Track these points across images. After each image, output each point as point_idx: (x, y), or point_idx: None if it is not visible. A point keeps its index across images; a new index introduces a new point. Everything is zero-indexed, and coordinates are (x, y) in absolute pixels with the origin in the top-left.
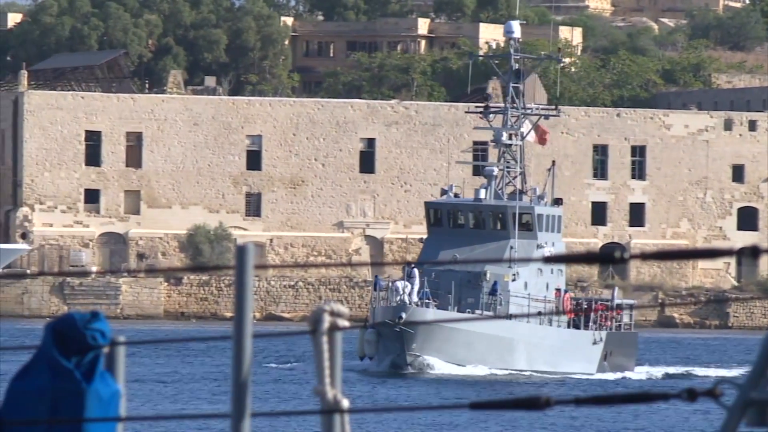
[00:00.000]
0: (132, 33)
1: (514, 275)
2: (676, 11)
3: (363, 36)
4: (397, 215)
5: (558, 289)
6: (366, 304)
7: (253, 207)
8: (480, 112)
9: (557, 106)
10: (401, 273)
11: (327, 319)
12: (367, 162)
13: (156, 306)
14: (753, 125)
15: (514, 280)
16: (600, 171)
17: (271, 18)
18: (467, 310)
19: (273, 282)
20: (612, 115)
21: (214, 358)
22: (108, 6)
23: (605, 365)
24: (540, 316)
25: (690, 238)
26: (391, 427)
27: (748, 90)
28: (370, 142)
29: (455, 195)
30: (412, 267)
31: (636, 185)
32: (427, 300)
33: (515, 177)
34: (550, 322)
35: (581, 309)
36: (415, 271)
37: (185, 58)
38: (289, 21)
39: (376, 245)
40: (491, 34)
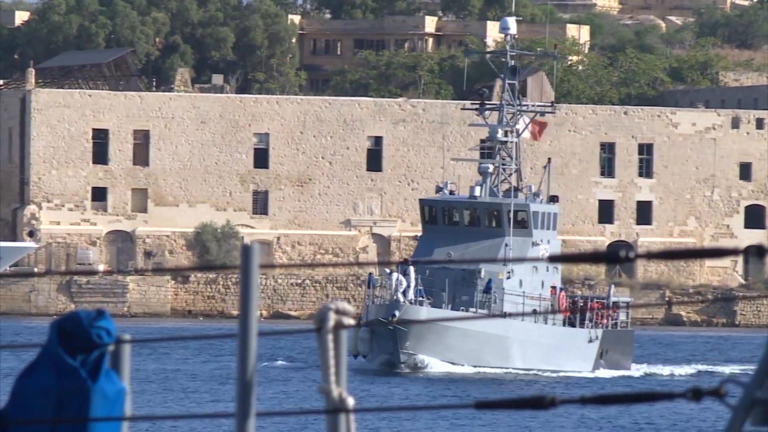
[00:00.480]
0: (139, 31)
1: (508, 273)
2: (683, 9)
3: (370, 34)
4: (404, 213)
5: (553, 287)
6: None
7: (261, 205)
8: (476, 109)
9: (553, 103)
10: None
11: (332, 318)
12: (375, 160)
13: (163, 304)
14: (760, 123)
15: (508, 278)
16: (607, 169)
17: (279, 16)
18: (461, 308)
19: (280, 280)
20: (619, 113)
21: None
22: (115, 4)
23: (601, 363)
24: (535, 314)
25: (697, 236)
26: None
27: (755, 88)
28: (377, 140)
29: (450, 192)
30: (408, 264)
31: (643, 183)
32: (421, 298)
33: (511, 174)
34: (545, 320)
35: (577, 307)
36: (411, 269)
37: (193, 56)
38: (297, 19)
39: (383, 243)
40: (498, 32)
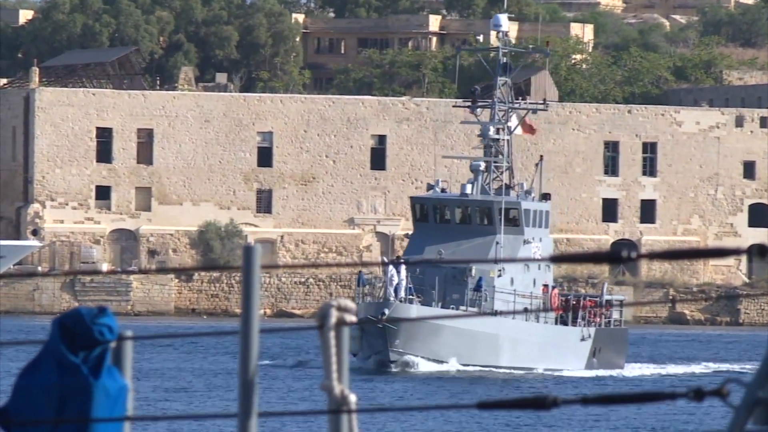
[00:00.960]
0: (143, 30)
1: (499, 271)
2: (687, 8)
3: (374, 33)
4: (408, 212)
5: (546, 285)
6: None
7: (264, 204)
8: (468, 106)
9: (545, 100)
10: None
11: (334, 315)
12: (378, 159)
13: (167, 303)
14: (764, 122)
15: (499, 276)
16: (611, 167)
17: (283, 15)
18: (451, 306)
19: (284, 278)
20: (623, 112)
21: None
22: (119, 3)
23: (594, 362)
24: (526, 312)
25: (701, 234)
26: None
27: (759, 87)
28: (381, 138)
29: (442, 190)
30: (399, 262)
31: (647, 182)
32: (411, 296)
33: (503, 172)
34: (537, 318)
35: (569, 305)
36: (402, 267)
37: (196, 54)
38: (300, 18)
39: (386, 242)
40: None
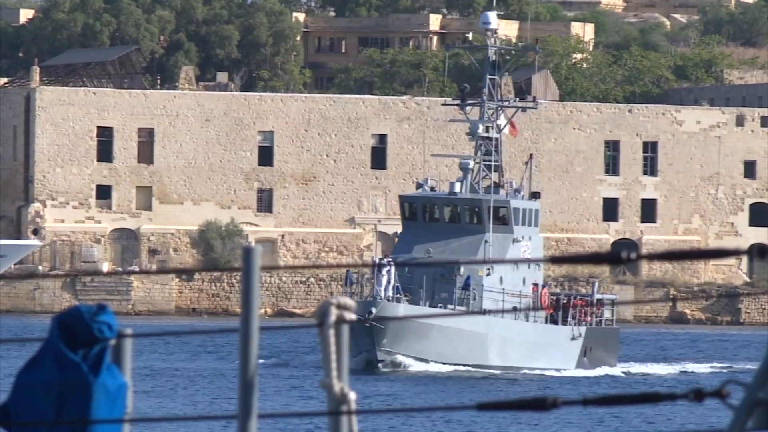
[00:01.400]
0: (144, 29)
1: (488, 270)
2: (688, 7)
3: (375, 32)
4: None
5: (535, 284)
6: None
7: (265, 203)
8: (457, 104)
9: (535, 98)
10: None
11: (334, 313)
12: (379, 158)
13: (167, 302)
14: (765, 121)
15: (488, 274)
16: (612, 167)
17: (283, 14)
18: (439, 305)
19: (285, 278)
20: (624, 111)
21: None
22: (120, 2)
23: (585, 361)
24: (515, 311)
25: (702, 234)
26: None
27: (760, 86)
28: (381, 138)
29: (431, 188)
30: (388, 261)
31: (648, 181)
32: (398, 295)
33: (492, 170)
34: (526, 317)
35: (560, 304)
36: (392, 265)
37: (197, 54)
38: (301, 17)
39: (387, 241)
40: (503, 30)
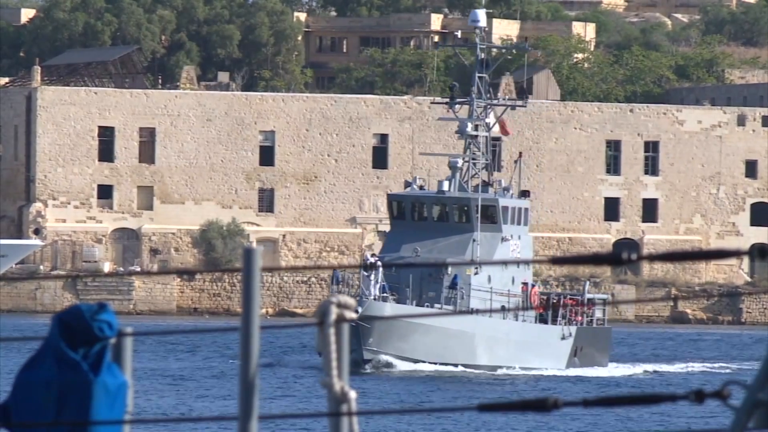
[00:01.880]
0: (145, 28)
1: (476, 269)
2: (689, 7)
3: (376, 32)
4: None
5: (525, 283)
6: None
7: (266, 203)
8: (446, 103)
9: (525, 96)
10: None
11: (334, 312)
12: (380, 157)
13: (169, 302)
14: (766, 121)
15: (476, 273)
16: (613, 166)
17: (284, 14)
18: (426, 304)
19: (286, 278)
20: (625, 111)
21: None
22: (121, 1)
23: (575, 361)
24: (503, 311)
25: (703, 233)
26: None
27: (761, 85)
28: (382, 137)
29: (420, 187)
30: (376, 260)
31: (649, 181)
32: (385, 294)
33: (482, 169)
34: (515, 317)
35: (549, 304)
36: (379, 264)
37: (198, 53)
38: (302, 17)
39: None
40: (504, 29)
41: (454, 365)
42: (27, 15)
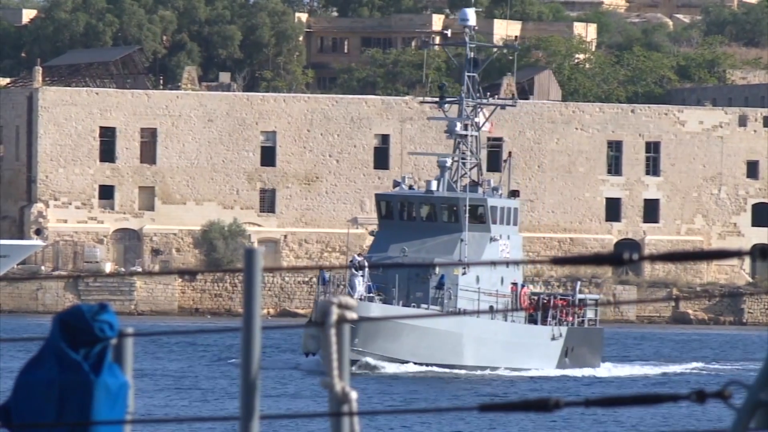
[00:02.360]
0: (146, 29)
1: (464, 269)
2: (691, 7)
3: (377, 32)
4: None
5: (514, 284)
6: None
7: (268, 203)
8: (435, 102)
9: (514, 96)
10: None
11: (335, 312)
12: (382, 158)
13: (170, 302)
14: (767, 121)
15: (464, 273)
16: (614, 167)
17: (286, 14)
18: (413, 304)
19: (287, 278)
20: (626, 111)
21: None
22: (122, 2)
23: (566, 362)
24: (492, 311)
25: (704, 234)
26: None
27: (762, 86)
28: (384, 138)
29: (410, 187)
30: (360, 260)
31: (650, 181)
32: (370, 294)
33: (472, 168)
34: (504, 317)
35: (539, 304)
36: (366, 264)
37: (200, 54)
38: (304, 17)
39: None
40: (505, 29)
41: (440, 365)
42: (28, 15)
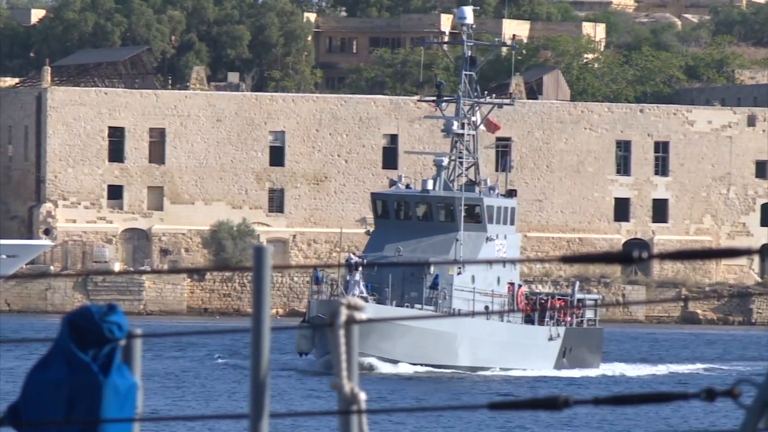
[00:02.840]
0: (155, 29)
1: (459, 268)
2: (699, 7)
3: (386, 32)
4: None
5: (511, 284)
6: None
7: (276, 203)
8: (432, 100)
9: (511, 94)
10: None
11: (344, 313)
12: (390, 158)
13: (179, 302)
14: None
15: (459, 273)
16: (623, 167)
17: (294, 14)
18: (406, 304)
19: (296, 278)
20: (635, 111)
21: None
22: (131, 2)
23: (564, 362)
24: (487, 312)
25: (713, 234)
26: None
27: None
28: (392, 138)
29: (406, 186)
30: (354, 259)
31: (659, 181)
32: (364, 294)
33: (468, 168)
34: (501, 317)
35: (537, 304)
36: (356, 262)
37: (208, 54)
38: (312, 17)
39: None
40: (514, 29)
41: (434, 366)
42: (37, 15)
